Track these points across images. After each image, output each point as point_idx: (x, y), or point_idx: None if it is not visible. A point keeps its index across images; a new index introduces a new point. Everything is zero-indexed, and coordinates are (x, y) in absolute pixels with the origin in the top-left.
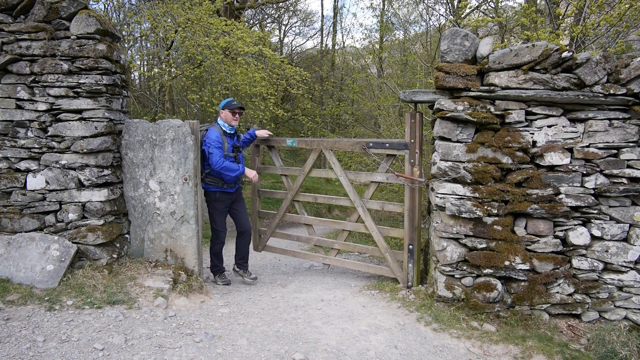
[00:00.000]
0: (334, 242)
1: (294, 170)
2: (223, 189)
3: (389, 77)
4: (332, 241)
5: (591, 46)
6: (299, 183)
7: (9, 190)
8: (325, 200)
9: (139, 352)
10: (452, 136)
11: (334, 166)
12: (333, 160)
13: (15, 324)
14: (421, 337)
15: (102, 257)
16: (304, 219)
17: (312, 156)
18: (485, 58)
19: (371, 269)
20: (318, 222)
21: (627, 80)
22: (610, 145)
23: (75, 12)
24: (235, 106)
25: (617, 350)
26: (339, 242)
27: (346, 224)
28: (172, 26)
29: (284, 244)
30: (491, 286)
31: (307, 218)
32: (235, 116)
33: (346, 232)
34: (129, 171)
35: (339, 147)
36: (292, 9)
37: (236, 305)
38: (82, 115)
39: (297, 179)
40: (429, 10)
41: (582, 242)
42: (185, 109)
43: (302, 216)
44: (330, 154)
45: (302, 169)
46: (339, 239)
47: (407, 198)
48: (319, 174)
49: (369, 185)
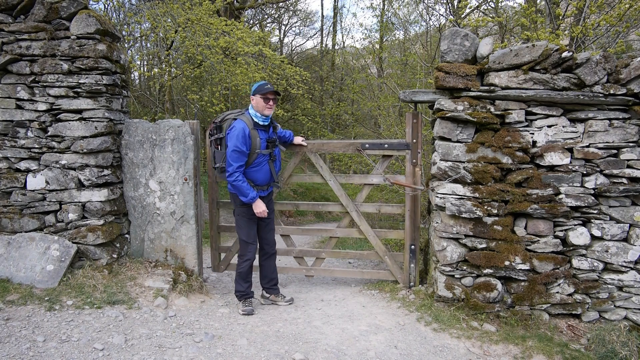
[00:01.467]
0: (320, 252)
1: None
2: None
3: (389, 77)
4: (318, 250)
5: (591, 46)
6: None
7: (9, 190)
8: (309, 208)
9: (139, 352)
10: (452, 136)
11: (322, 170)
12: (320, 164)
13: (15, 324)
14: (421, 337)
15: (102, 257)
16: (281, 230)
17: (294, 160)
18: (485, 58)
19: (366, 275)
20: (300, 231)
21: (627, 80)
22: (610, 145)
23: (75, 12)
24: (269, 90)
25: (617, 350)
26: (327, 250)
27: (335, 230)
28: (172, 26)
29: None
30: (491, 286)
31: (285, 228)
32: (269, 103)
33: (335, 239)
34: (129, 171)
35: (327, 150)
36: (292, 9)
37: (236, 305)
38: (82, 115)
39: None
40: (429, 10)
41: (582, 242)
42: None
43: (279, 227)
44: (317, 157)
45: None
46: (326, 247)
47: (408, 198)
48: (301, 179)
49: (363, 188)
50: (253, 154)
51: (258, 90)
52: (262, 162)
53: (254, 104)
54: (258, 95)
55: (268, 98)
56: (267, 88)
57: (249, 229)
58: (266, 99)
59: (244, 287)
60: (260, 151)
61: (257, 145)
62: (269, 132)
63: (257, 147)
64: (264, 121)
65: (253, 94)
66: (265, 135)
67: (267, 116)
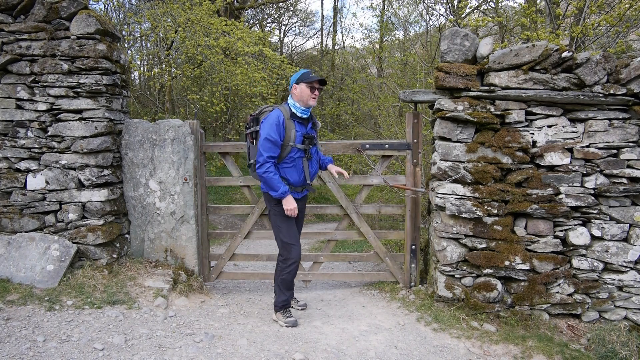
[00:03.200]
0: (318, 255)
1: None
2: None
3: (389, 77)
4: (317, 254)
5: (591, 46)
6: None
7: (9, 190)
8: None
9: (139, 352)
10: (452, 136)
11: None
12: None
13: (15, 324)
14: (421, 337)
15: (102, 257)
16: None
17: None
18: (485, 58)
19: (366, 277)
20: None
21: (627, 80)
22: (610, 145)
23: (75, 12)
24: (315, 79)
25: (617, 350)
26: (325, 253)
27: (334, 233)
28: (172, 26)
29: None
30: (491, 286)
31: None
32: (315, 93)
33: (333, 242)
34: (129, 171)
35: (327, 150)
36: (292, 9)
37: (236, 305)
38: (82, 115)
39: None
40: (429, 10)
41: (582, 242)
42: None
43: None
44: None
45: None
46: (324, 251)
47: (408, 199)
48: None
49: (362, 189)
50: (287, 146)
51: (303, 78)
52: (296, 158)
53: (297, 92)
54: (303, 83)
55: (314, 87)
56: (313, 76)
57: (288, 228)
58: (312, 89)
59: (287, 296)
60: (294, 144)
61: (291, 137)
62: (307, 127)
63: (291, 140)
64: (303, 113)
65: (296, 82)
66: (303, 129)
67: (310, 107)
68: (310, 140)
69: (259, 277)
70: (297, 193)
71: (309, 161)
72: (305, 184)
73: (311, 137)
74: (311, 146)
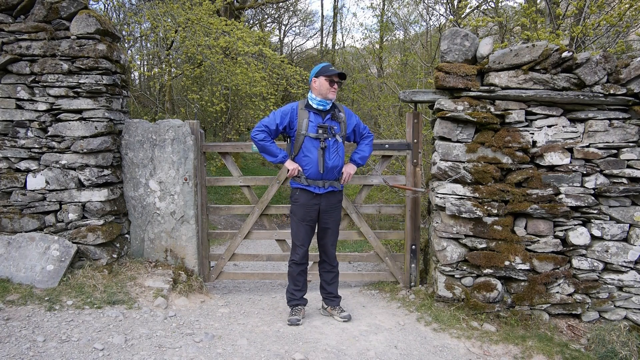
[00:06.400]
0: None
1: (261, 179)
2: (302, 185)
3: (389, 77)
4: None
5: (591, 46)
6: (272, 193)
7: (9, 190)
8: None
9: (139, 352)
10: (452, 136)
11: None
12: None
13: (15, 324)
14: (421, 337)
15: (102, 257)
16: (276, 235)
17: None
18: (485, 58)
19: (366, 277)
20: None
21: (627, 80)
22: (610, 145)
23: (75, 12)
24: (334, 72)
25: (617, 350)
26: None
27: None
28: (172, 26)
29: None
30: (491, 286)
31: (280, 232)
32: (334, 86)
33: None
34: (129, 171)
35: None
36: (292, 9)
37: (236, 305)
38: (82, 115)
39: (270, 189)
40: (429, 10)
41: (582, 242)
42: (185, 109)
43: (275, 231)
44: None
45: (276, 178)
46: None
47: (408, 199)
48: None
49: (362, 189)
50: (299, 136)
51: (322, 71)
52: (310, 149)
53: (316, 86)
54: (322, 77)
55: (333, 81)
56: (332, 70)
57: (298, 230)
58: (331, 82)
59: (291, 291)
60: (306, 133)
61: (303, 126)
62: (324, 118)
63: (303, 129)
64: (319, 104)
65: (315, 75)
66: (319, 120)
67: (330, 100)
68: (325, 130)
69: (259, 277)
70: (316, 187)
71: (326, 152)
72: (322, 177)
73: (326, 128)
74: (329, 138)
